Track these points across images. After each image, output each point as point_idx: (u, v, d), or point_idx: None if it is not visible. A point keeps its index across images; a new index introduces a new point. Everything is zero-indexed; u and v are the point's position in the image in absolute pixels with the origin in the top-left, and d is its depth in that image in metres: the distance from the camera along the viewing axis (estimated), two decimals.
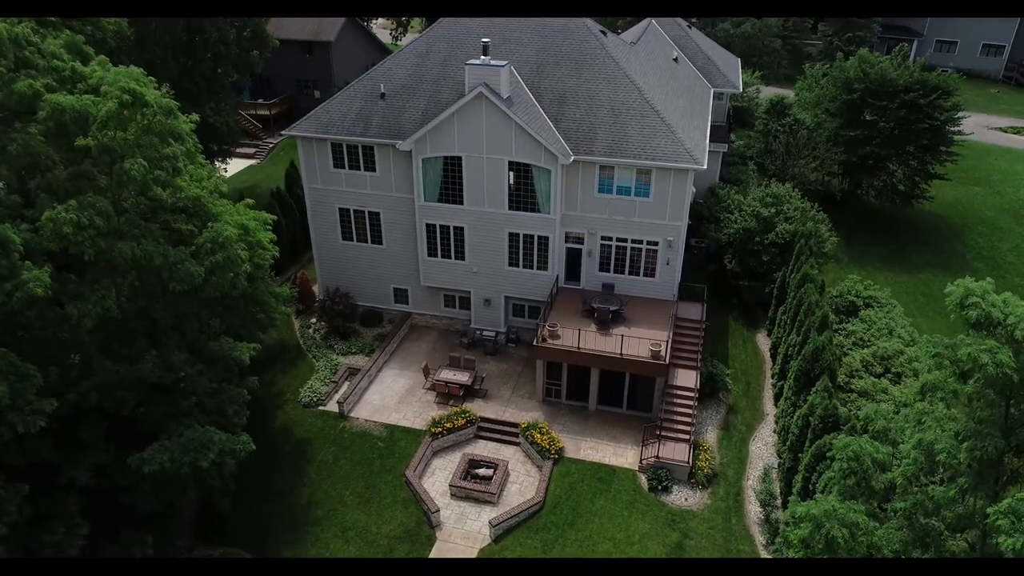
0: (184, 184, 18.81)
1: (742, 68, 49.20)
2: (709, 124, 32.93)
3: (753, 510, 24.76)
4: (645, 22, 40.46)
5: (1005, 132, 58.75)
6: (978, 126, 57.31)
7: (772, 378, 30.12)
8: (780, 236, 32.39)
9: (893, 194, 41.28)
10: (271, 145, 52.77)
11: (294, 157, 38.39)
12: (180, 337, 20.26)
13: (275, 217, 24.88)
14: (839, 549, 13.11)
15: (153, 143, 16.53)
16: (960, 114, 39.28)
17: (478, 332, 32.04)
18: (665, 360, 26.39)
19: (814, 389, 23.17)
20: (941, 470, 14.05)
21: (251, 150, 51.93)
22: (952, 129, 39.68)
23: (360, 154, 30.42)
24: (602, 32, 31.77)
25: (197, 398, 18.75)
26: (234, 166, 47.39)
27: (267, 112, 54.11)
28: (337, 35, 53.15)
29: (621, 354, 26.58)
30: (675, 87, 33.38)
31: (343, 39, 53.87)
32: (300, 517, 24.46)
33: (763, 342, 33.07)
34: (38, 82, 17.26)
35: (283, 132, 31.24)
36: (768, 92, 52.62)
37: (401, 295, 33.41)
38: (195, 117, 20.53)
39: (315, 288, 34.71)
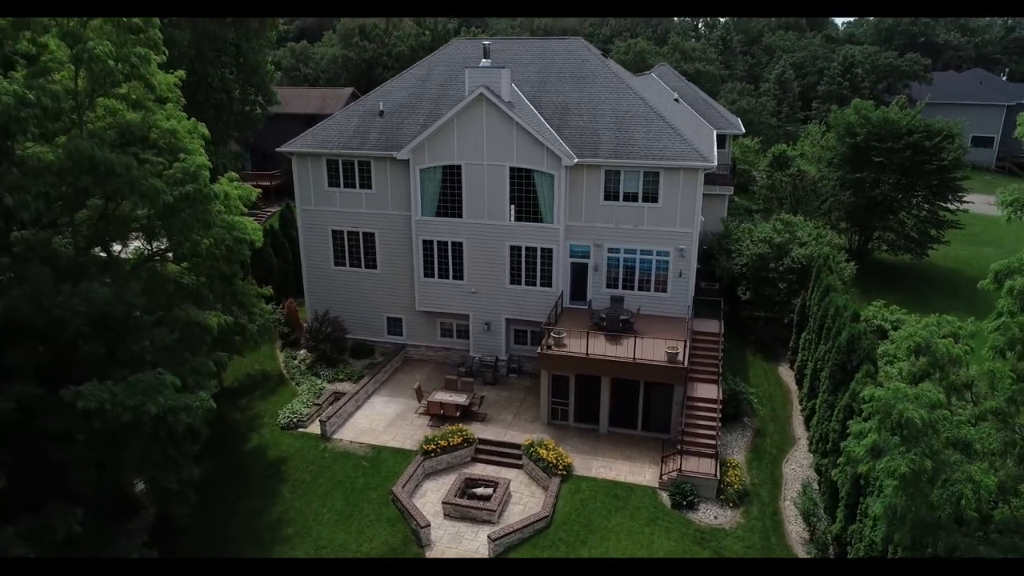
0: (160, 118, 17.43)
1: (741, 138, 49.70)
2: (715, 148, 32.13)
3: (794, 530, 21.36)
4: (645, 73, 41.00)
5: None
6: (980, 203, 57.39)
7: (800, 402, 27.35)
8: (796, 261, 30.70)
9: (908, 242, 39.92)
10: (270, 212, 52.24)
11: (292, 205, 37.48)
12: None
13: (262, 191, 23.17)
14: (919, 434, 10.37)
15: (125, 44, 15.19)
16: (966, 155, 38.76)
17: (476, 359, 29.53)
18: (683, 364, 23.87)
19: (855, 378, 20.58)
20: None
21: (250, 218, 51.27)
22: (959, 174, 39.02)
23: (356, 171, 29.38)
24: (604, 53, 31.78)
25: (151, 344, 16.24)
26: None
27: (268, 183, 54.02)
28: (341, 109, 54.00)
29: (634, 359, 24.10)
30: (679, 114, 32.97)
31: None
32: (267, 536, 21.03)
33: (786, 374, 30.44)
34: None
35: (279, 148, 30.41)
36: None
37: (395, 325, 31.19)
38: (181, 73, 19.52)
39: (304, 323, 32.53)
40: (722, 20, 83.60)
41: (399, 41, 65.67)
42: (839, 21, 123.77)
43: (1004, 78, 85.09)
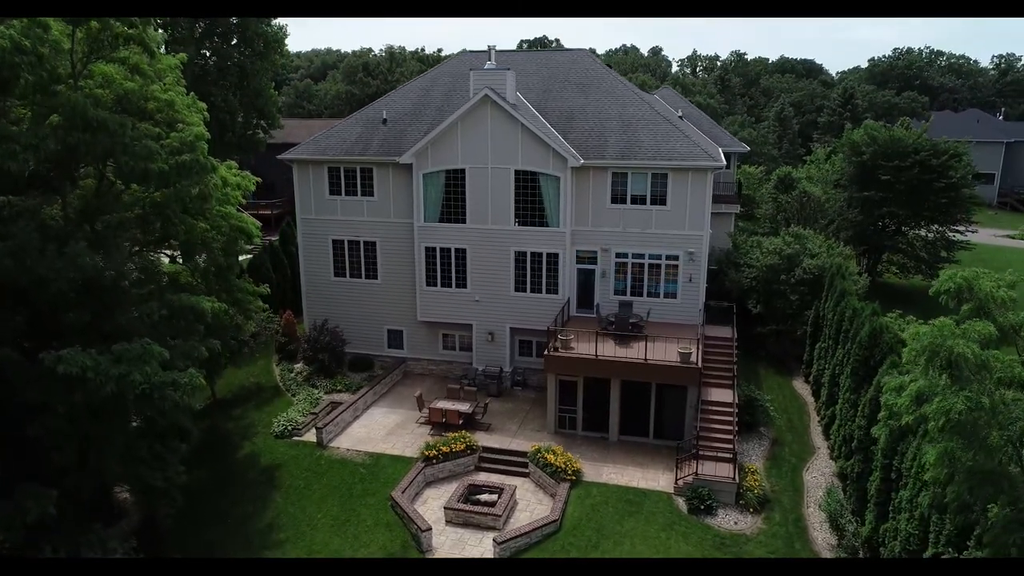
0: (157, 89, 16.94)
1: (743, 165, 49.53)
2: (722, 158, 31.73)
3: (819, 537, 20.01)
4: None
5: (1013, 239, 58.63)
6: (986, 235, 57.24)
7: (818, 412, 26.21)
8: (807, 271, 29.95)
9: (918, 262, 39.20)
10: (269, 240, 51.75)
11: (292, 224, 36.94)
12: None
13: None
14: (974, 372, 9.40)
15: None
16: (971, 177, 38.44)
17: (480, 370, 28.46)
18: (697, 364, 22.87)
19: (880, 371, 19.56)
20: None
21: (250, 246, 50.79)
22: (966, 192, 38.59)
23: (358, 178, 28.92)
24: (608, 66, 31.72)
25: (139, 317, 15.29)
26: None
27: (268, 212, 53.80)
28: (343, 120, 54.08)
29: (646, 360, 23.10)
30: (684, 128, 32.67)
31: None
32: (258, 540, 19.69)
33: (800, 387, 29.31)
34: None
35: (279, 156, 30.05)
36: None
37: (396, 338, 30.22)
38: (183, 56, 19.17)
39: (302, 336, 31.57)
40: (719, 62, 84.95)
41: (402, 77, 66.42)
42: (833, 70, 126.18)
43: (1000, 118, 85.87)
